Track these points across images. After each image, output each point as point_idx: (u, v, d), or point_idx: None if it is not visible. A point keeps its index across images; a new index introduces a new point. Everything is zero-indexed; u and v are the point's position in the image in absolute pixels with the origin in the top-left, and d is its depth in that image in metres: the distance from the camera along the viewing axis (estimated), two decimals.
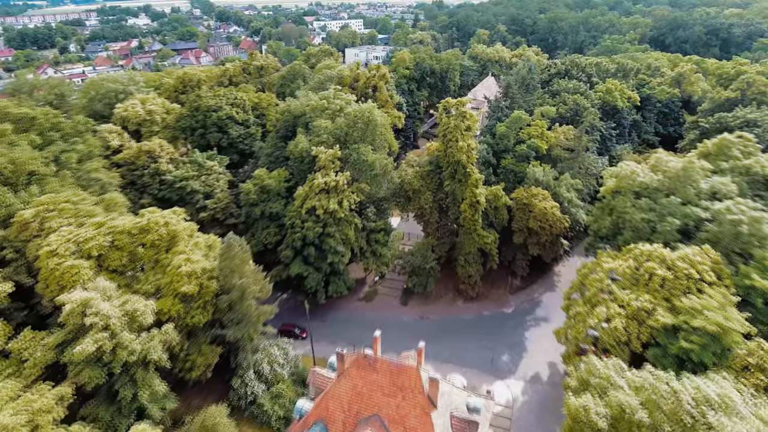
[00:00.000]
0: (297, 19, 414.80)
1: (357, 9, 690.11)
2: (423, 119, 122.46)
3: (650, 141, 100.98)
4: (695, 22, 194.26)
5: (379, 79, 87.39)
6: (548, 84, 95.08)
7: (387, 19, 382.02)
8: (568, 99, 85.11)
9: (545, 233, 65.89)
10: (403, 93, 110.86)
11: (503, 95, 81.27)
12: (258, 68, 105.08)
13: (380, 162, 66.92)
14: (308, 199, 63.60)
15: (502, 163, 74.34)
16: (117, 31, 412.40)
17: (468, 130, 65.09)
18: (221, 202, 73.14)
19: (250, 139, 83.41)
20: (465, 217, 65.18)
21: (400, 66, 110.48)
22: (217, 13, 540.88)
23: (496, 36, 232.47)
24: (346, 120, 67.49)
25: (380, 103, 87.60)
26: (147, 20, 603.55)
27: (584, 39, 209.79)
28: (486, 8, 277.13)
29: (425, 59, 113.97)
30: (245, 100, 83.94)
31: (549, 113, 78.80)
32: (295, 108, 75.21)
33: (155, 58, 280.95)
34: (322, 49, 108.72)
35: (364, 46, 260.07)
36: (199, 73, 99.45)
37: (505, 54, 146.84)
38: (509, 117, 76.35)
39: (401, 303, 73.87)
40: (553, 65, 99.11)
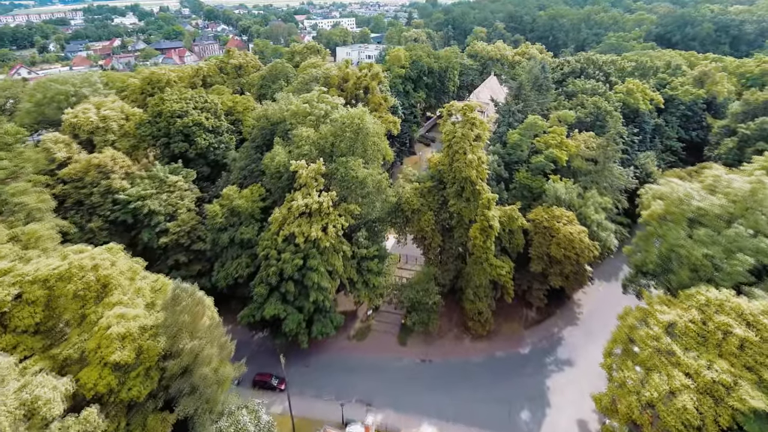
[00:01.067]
0: (287, 18, 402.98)
1: (349, 8, 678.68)
2: (420, 122, 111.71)
3: (673, 147, 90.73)
4: (703, 18, 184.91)
5: (371, 79, 76.51)
6: (562, 84, 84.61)
7: (380, 18, 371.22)
8: (587, 101, 74.62)
9: (570, 263, 55.28)
10: (398, 94, 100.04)
11: (515, 97, 70.57)
12: (236, 67, 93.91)
13: (372, 178, 56.08)
14: (286, 225, 52.66)
15: (516, 176, 63.71)
16: (101, 30, 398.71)
17: (478, 140, 54.39)
18: (186, 224, 61.96)
19: (222, 149, 72.25)
20: (475, 244, 54.44)
21: (395, 64, 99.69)
22: (205, 12, 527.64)
23: (494, 34, 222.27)
24: (332, 128, 56.56)
25: (372, 107, 76.80)
26: (134, 19, 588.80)
27: (587, 37, 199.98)
28: (483, 5, 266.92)
29: (422, 57, 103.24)
30: (216, 104, 72.73)
31: (567, 118, 68.27)
32: (272, 113, 64.19)
33: (137, 58, 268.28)
34: (307, 46, 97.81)
35: (356, 45, 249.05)
36: (168, 73, 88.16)
37: (507, 52, 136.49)
38: (523, 123, 65.72)
39: (399, 342, 62.98)
40: (566, 63, 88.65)
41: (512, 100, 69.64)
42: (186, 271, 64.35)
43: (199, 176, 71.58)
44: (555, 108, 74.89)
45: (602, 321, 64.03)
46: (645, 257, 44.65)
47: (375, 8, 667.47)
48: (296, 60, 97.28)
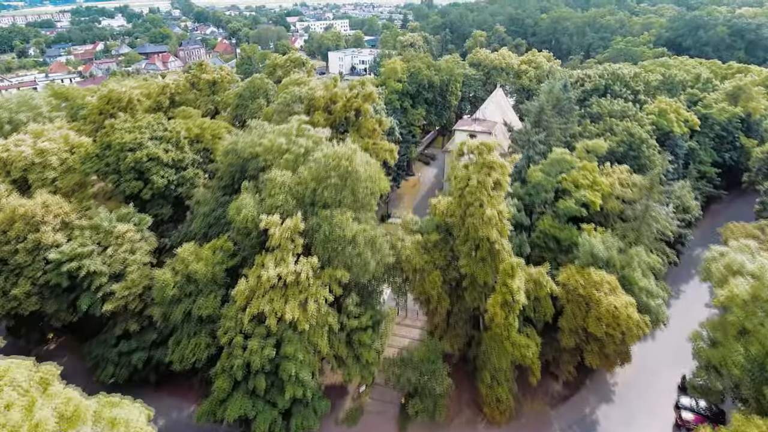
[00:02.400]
0: (279, 20, 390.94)
1: (343, 9, 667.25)
2: (419, 141, 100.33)
3: (708, 174, 79.77)
4: (716, 22, 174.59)
5: (362, 100, 65.05)
6: (584, 103, 73.48)
7: (374, 20, 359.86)
8: (617, 126, 63.51)
9: (613, 342, 44.04)
10: (394, 112, 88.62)
11: (534, 124, 59.24)
12: (209, 83, 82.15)
13: (365, 234, 44.66)
14: (254, 299, 41.18)
15: (539, 224, 52.43)
16: (85, 33, 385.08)
17: (497, 188, 43.02)
18: (137, 286, 50.32)
19: (187, 185, 60.61)
20: (496, 322, 43.03)
21: (391, 78, 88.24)
22: (195, 14, 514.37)
23: (494, 38, 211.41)
24: (315, 170, 45.07)
25: (365, 132, 65.36)
26: (123, 21, 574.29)
27: (593, 41, 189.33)
28: (481, 7, 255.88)
29: (421, 69, 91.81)
30: (179, 132, 61.03)
31: (598, 149, 57.04)
32: (243, 147, 52.53)
33: (120, 63, 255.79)
34: (291, 58, 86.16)
35: (349, 50, 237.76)
36: (130, 91, 76.25)
37: (513, 60, 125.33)
38: (545, 156, 54.47)
39: (398, 427, 51.55)
40: (587, 78, 77.45)
41: (531, 128, 58.22)
42: (138, 341, 52.85)
43: (158, 219, 60.06)
44: (580, 134, 63.68)
45: (643, 397, 53.11)
46: (728, 358, 33.41)
47: (369, 9, 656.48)
48: (278, 74, 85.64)
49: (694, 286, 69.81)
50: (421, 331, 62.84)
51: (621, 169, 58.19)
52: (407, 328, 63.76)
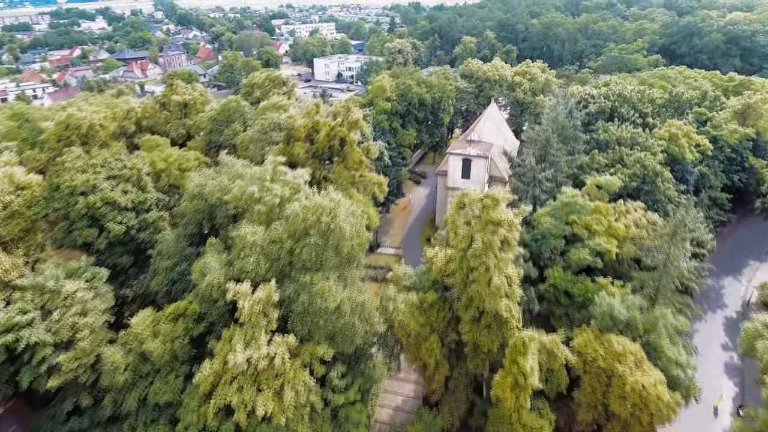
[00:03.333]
0: (263, 23, 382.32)
1: (329, 11, 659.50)
2: (409, 161, 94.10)
3: (719, 200, 74.56)
4: (711, 29, 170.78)
5: (348, 129, 58.60)
6: (588, 127, 67.76)
7: (361, 24, 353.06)
8: (627, 157, 57.83)
9: (639, 423, 38.10)
10: (383, 133, 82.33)
11: (540, 158, 53.21)
12: (180, 105, 75.13)
13: (352, 301, 38.34)
14: (220, 387, 34.61)
15: (548, 275, 46.46)
16: (63, 37, 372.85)
17: (505, 248, 36.89)
18: (87, 355, 43.31)
19: (150, 230, 53.76)
20: (504, 405, 36.84)
21: (379, 97, 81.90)
22: (177, 17, 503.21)
23: (484, 44, 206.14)
24: (291, 227, 38.65)
25: (351, 164, 58.92)
26: (104, 24, 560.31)
27: (585, 48, 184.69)
28: (470, 12, 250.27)
29: (411, 87, 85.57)
30: (140, 169, 54.11)
31: (610, 186, 51.25)
32: (211, 191, 45.88)
33: (97, 70, 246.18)
34: (270, 77, 79.28)
35: (335, 56, 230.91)
36: (91, 116, 68.92)
37: (506, 72, 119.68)
38: (555, 197, 48.49)
39: None
40: (591, 99, 71.74)
41: (536, 163, 52.15)
42: (91, 418, 45.83)
43: (117, 269, 53.18)
44: (588, 165, 57.87)
45: None
46: None
47: (356, 11, 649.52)
48: (255, 95, 78.78)
49: (706, 324, 64.69)
50: (416, 387, 56.74)
51: (635, 206, 52.47)
52: (400, 383, 57.46)
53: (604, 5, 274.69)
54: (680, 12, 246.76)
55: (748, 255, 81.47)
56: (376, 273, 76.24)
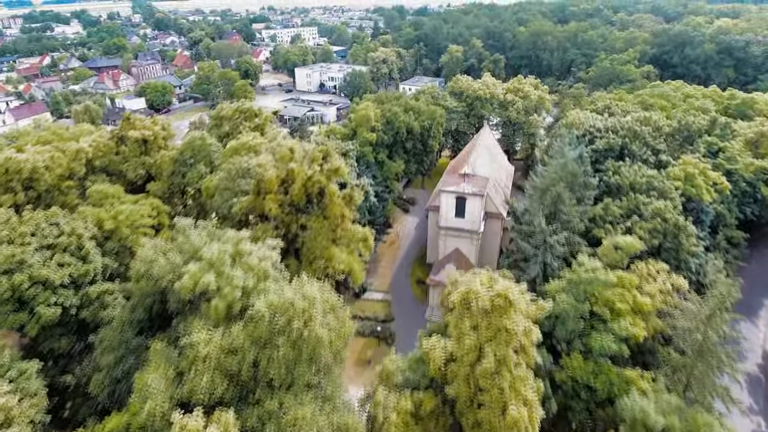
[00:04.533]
0: (244, 29, 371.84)
1: (312, 13, 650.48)
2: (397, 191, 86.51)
3: (735, 240, 68.45)
4: (703, 38, 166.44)
5: (327, 177, 50.97)
6: (595, 165, 60.94)
7: (344, 29, 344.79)
8: (645, 207, 51.09)
9: None
10: (368, 167, 74.79)
11: (549, 216, 46.09)
12: (140, 142, 66.63)
13: (330, 425, 30.70)
14: None
15: (565, 363, 39.33)
16: (33, 44, 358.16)
17: (522, 358, 29.60)
18: None
19: (95, 306, 45.48)
20: None
21: (363, 127, 74.27)
22: (155, 20, 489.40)
23: (471, 53, 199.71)
24: (255, 332, 30.91)
25: (331, 218, 51.26)
26: (79, 28, 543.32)
27: (575, 58, 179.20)
28: (456, 18, 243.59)
29: (398, 115, 78.10)
30: (81, 236, 45.76)
31: (630, 249, 44.39)
32: (161, 272, 37.85)
33: (67, 81, 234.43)
34: (240, 109, 70.61)
35: (317, 65, 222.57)
36: (34, 158, 60.35)
37: (498, 89, 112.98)
38: (573, 270, 41.36)
39: None
40: (597, 133, 64.86)
41: (546, 223, 45.01)
42: None
43: (57, 355, 44.91)
44: (601, 218, 50.93)
45: None
46: None
47: (338, 14, 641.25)
48: (224, 129, 70.41)
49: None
50: None
51: (659, 268, 45.68)
52: None
53: (591, 11, 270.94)
54: (667, 18, 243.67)
55: (763, 294, 75.70)
56: (363, 325, 68.60)
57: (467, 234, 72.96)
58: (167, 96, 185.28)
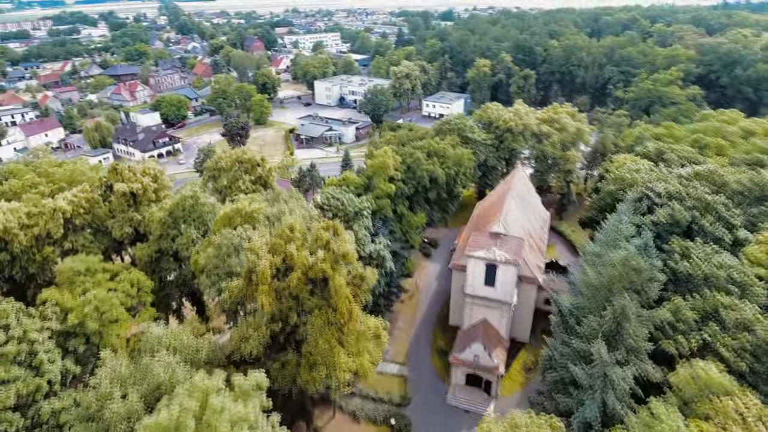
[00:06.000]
0: (265, 35, 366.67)
1: (335, 17, 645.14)
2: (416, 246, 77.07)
3: None
4: (756, 57, 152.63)
5: (332, 265, 42.09)
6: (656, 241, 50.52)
7: (366, 37, 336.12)
8: (725, 310, 40.80)
9: None
10: (385, 221, 65.80)
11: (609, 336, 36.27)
12: (127, 196, 58.90)
13: None
14: None
15: None
16: (58, 48, 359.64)
17: None
18: None
19: (49, 426, 37.49)
20: None
21: (380, 177, 65.22)
22: (178, 25, 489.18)
23: (499, 67, 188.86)
24: None
25: (336, 316, 42.37)
26: (105, 30, 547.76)
27: (611, 75, 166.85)
28: (484, 29, 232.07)
29: (420, 162, 68.73)
30: (33, 341, 37.84)
31: (715, 388, 34.33)
32: (113, 419, 29.48)
33: (85, 90, 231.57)
34: (240, 158, 61.28)
35: (337, 78, 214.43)
36: (6, 218, 53.17)
37: (530, 119, 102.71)
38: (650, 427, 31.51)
39: None
40: (658, 198, 54.28)
41: (606, 350, 35.19)
42: None
43: None
44: (671, 325, 40.75)
45: None
46: None
47: (362, 17, 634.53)
48: (221, 183, 62.07)
49: None
50: None
51: (748, 403, 35.49)
52: None
53: (627, 21, 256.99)
54: (710, 30, 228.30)
55: None
56: (375, 409, 59.51)
57: (497, 305, 63.42)
58: (182, 110, 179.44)
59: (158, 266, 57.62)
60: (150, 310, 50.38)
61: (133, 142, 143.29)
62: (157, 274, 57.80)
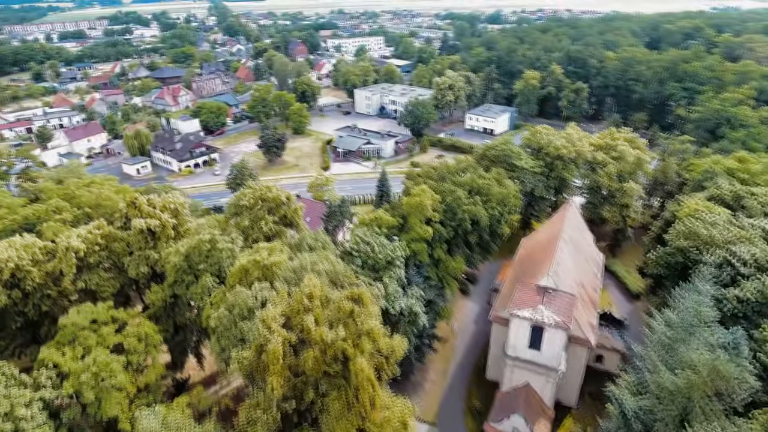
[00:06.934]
0: (309, 38, 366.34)
1: (380, 18, 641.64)
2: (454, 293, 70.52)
3: None
4: None
5: (353, 342, 36.39)
6: (740, 322, 42.24)
7: (410, 42, 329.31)
8: None
9: None
10: (419, 267, 59.63)
11: None
12: (145, 232, 55.16)
13: None
14: None
15: None
16: (110, 48, 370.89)
17: None
18: None
19: None
20: None
21: (416, 217, 59.11)
22: (225, 26, 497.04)
23: (549, 79, 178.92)
24: None
25: (357, 405, 36.59)
26: (156, 31, 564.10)
27: (673, 92, 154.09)
28: (534, 38, 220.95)
29: (461, 201, 62.12)
30: (21, 416, 33.87)
31: None
32: None
33: (131, 92, 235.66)
34: (262, 195, 55.65)
35: (378, 86, 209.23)
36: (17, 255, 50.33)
37: (584, 146, 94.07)
38: None
39: None
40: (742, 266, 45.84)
41: None
42: None
43: None
44: None
45: None
46: None
47: (407, 20, 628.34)
48: (243, 223, 57.33)
49: None
50: None
51: None
52: None
53: (690, 29, 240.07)
54: None
55: None
56: None
57: (543, 370, 56.25)
58: (222, 117, 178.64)
59: (173, 311, 53.67)
60: (158, 367, 46.23)
61: (171, 151, 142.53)
62: (172, 318, 53.95)
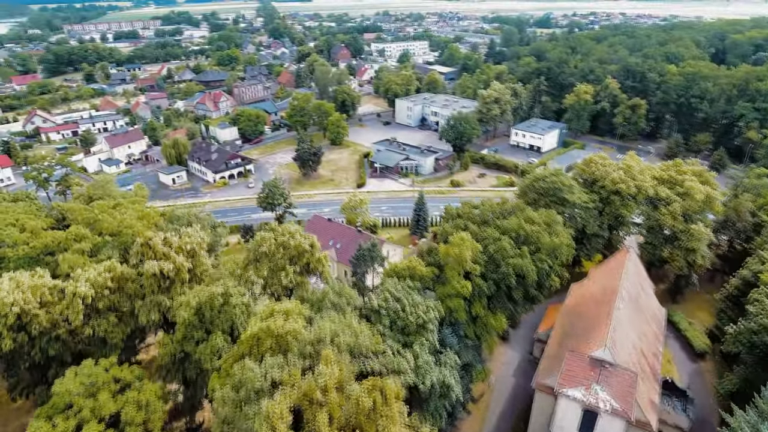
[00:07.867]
0: (352, 42, 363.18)
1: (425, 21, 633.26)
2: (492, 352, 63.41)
3: None
4: None
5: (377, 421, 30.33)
6: None
7: (455, 48, 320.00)
8: None
9: None
10: (455, 326, 52.94)
11: None
12: (158, 276, 50.93)
13: None
14: None
15: None
16: (159, 50, 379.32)
17: None
18: None
19: None
20: None
21: (454, 270, 52.44)
22: (271, 28, 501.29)
23: (603, 94, 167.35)
24: None
25: None
26: (205, 31, 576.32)
27: (743, 113, 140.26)
28: (587, 48, 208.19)
29: (505, 251, 54.99)
30: None
31: None
32: None
33: (175, 95, 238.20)
34: (284, 243, 50.93)
35: (420, 96, 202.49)
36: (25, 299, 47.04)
37: (645, 179, 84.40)
38: None
39: None
40: None
41: None
42: None
43: None
44: None
45: None
46: None
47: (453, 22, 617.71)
48: (261, 273, 52.02)
49: None
50: None
51: None
52: None
53: (761, 40, 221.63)
54: None
55: None
56: None
57: None
58: (260, 126, 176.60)
59: (182, 365, 49.16)
60: None
61: (206, 161, 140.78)
62: (181, 374, 49.47)
